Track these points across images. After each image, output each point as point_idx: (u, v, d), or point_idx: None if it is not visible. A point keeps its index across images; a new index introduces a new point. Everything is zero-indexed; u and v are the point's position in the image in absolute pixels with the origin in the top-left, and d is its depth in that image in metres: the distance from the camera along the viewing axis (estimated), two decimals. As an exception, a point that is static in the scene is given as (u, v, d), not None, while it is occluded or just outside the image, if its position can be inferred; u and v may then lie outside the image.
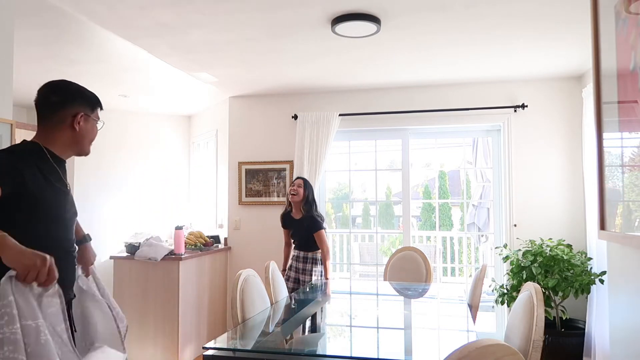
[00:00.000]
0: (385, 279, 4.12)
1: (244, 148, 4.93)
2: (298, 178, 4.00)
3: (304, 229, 3.90)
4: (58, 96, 1.72)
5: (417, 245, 5.93)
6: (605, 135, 1.80)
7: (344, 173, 5.15)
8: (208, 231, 5.14)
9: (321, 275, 3.89)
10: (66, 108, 1.70)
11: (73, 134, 1.72)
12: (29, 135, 1.73)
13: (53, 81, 1.76)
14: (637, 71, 1.50)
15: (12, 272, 1.29)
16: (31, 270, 1.28)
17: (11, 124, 2.54)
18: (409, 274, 4.05)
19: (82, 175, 5.53)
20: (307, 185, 3.95)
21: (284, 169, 4.83)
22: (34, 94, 1.71)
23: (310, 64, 3.88)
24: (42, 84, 1.73)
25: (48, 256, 1.32)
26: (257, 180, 4.89)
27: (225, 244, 4.95)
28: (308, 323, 2.29)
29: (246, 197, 4.91)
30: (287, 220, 4.04)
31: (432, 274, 4.03)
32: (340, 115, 4.61)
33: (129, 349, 3.80)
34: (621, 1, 1.61)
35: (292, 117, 4.77)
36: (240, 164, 4.93)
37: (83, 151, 1.78)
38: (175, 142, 6.08)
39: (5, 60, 2.51)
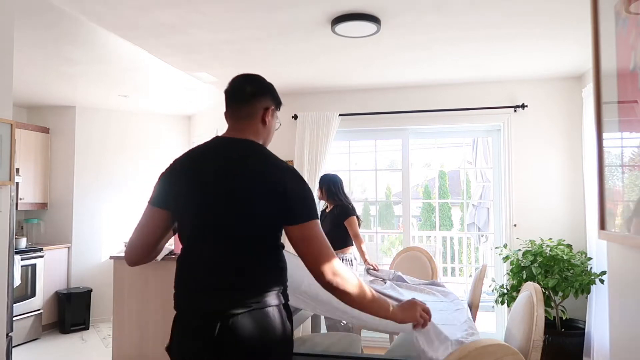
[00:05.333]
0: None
1: (244, 148, 4.92)
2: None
3: (334, 217, 3.95)
4: (253, 87, 1.64)
5: (417, 245, 5.93)
6: (605, 135, 1.79)
7: (344, 173, 5.12)
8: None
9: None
10: (259, 100, 1.64)
11: (262, 128, 1.66)
12: (29, 135, 1.73)
13: (248, 73, 1.69)
14: (637, 71, 1.50)
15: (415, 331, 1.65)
16: (419, 319, 1.58)
17: (11, 124, 2.54)
18: (416, 274, 4.05)
19: (82, 175, 5.53)
20: (320, 185, 4.04)
21: (284, 169, 4.82)
22: (34, 94, 1.70)
23: (310, 64, 3.88)
24: (42, 83, 1.71)
25: (418, 303, 1.62)
26: (257, 180, 4.89)
27: (225, 244, 4.94)
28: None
29: (246, 197, 4.90)
30: (323, 215, 4.08)
31: (437, 274, 4.03)
32: (340, 115, 4.61)
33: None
34: (621, 1, 1.61)
35: (292, 117, 4.77)
36: (240, 164, 4.92)
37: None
38: (176, 142, 6.08)
39: (5, 60, 2.51)
